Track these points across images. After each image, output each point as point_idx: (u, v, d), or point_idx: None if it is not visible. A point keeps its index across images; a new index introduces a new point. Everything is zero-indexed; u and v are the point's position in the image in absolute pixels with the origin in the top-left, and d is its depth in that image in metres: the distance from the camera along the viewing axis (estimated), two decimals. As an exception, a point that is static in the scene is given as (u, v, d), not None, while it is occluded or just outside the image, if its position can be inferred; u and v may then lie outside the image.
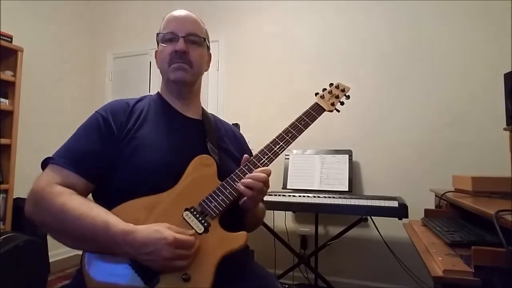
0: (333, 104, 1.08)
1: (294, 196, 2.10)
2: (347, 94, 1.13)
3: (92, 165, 0.85)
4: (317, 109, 1.05)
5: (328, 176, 2.30)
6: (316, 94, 1.11)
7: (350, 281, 2.42)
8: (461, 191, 1.38)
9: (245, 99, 2.86)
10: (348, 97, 1.13)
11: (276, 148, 0.94)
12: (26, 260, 1.61)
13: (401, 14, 2.47)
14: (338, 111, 1.11)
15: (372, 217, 2.19)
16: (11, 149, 2.42)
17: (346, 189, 2.21)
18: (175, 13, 1.01)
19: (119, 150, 0.87)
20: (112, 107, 0.94)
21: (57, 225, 0.78)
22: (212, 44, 1.10)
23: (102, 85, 3.36)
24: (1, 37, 2.40)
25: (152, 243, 0.72)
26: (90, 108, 1.04)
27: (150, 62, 3.14)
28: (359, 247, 2.43)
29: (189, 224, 0.80)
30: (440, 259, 0.85)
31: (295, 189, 2.32)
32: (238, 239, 0.80)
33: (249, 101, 2.84)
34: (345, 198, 1.99)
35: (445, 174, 1.73)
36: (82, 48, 3.30)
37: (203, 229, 0.80)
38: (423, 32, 2.40)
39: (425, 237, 1.11)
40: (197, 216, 0.81)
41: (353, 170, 2.36)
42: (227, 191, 0.85)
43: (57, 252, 2.71)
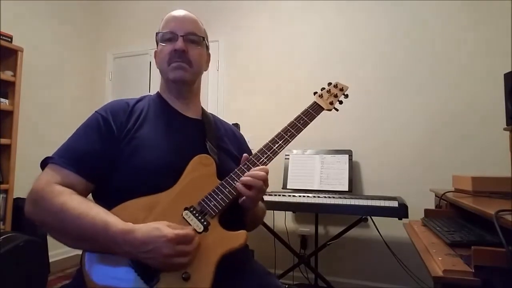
0: (331, 103, 1.08)
1: (294, 196, 2.10)
2: (345, 93, 1.13)
3: (92, 165, 0.85)
4: (315, 108, 1.05)
5: (328, 176, 2.30)
6: (315, 93, 1.10)
7: (350, 281, 2.42)
8: (461, 191, 1.38)
9: (245, 99, 2.86)
10: (346, 96, 1.13)
11: (275, 147, 0.94)
12: (26, 260, 1.61)
13: (401, 14, 2.47)
14: (337, 110, 1.10)
15: (372, 217, 2.19)
16: (11, 149, 2.42)
17: (346, 189, 2.21)
18: (174, 13, 1.02)
19: (119, 150, 0.87)
20: (112, 107, 0.94)
21: (57, 225, 0.78)
22: (212, 44, 1.10)
23: (102, 85, 3.36)
24: (1, 37, 2.40)
25: (152, 241, 0.72)
26: (90, 108, 1.04)
27: (150, 62, 3.14)
28: (359, 247, 2.43)
29: (189, 223, 0.80)
30: (440, 259, 0.85)
31: (295, 189, 2.32)
32: (238, 238, 0.80)
33: (249, 101, 2.84)
34: (345, 198, 1.99)
35: (445, 174, 1.72)
36: (82, 48, 3.30)
37: (202, 228, 0.80)
38: (423, 32, 2.40)
39: (425, 237, 1.11)
40: (197, 215, 0.81)
41: (353, 170, 2.36)
42: (227, 190, 0.85)
43: (57, 252, 2.71)
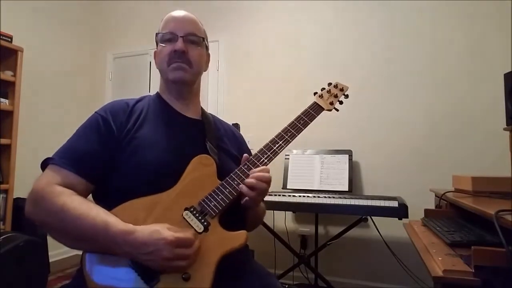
0: (332, 103, 1.08)
1: (294, 196, 2.10)
2: (346, 94, 1.12)
3: (92, 165, 0.85)
4: (316, 108, 1.05)
5: (328, 176, 2.30)
6: (315, 93, 1.10)
7: (350, 281, 2.42)
8: (461, 191, 1.38)
9: (245, 99, 2.86)
10: (347, 96, 1.13)
11: (275, 147, 0.94)
12: (26, 260, 1.61)
13: (401, 14, 2.47)
14: (337, 110, 1.10)
15: (372, 217, 2.19)
16: (11, 149, 2.42)
17: (346, 189, 2.21)
18: (173, 13, 1.02)
19: (118, 150, 0.87)
20: (111, 108, 0.94)
21: (57, 225, 0.78)
22: (212, 44, 1.10)
23: (102, 85, 3.36)
24: (1, 37, 2.40)
25: (152, 243, 0.72)
26: (90, 108, 1.05)
27: (150, 62, 3.14)
28: (359, 247, 2.43)
29: (189, 224, 0.80)
30: (440, 259, 0.85)
31: (295, 189, 2.32)
32: (238, 238, 0.80)
33: (249, 101, 2.84)
34: (345, 198, 1.99)
35: (445, 174, 1.72)
36: (82, 48, 3.30)
37: (203, 228, 0.80)
38: (424, 32, 2.40)
39: (425, 237, 1.11)
40: (197, 215, 0.82)
41: (353, 170, 2.36)
42: (227, 190, 0.86)
43: (57, 252, 2.71)
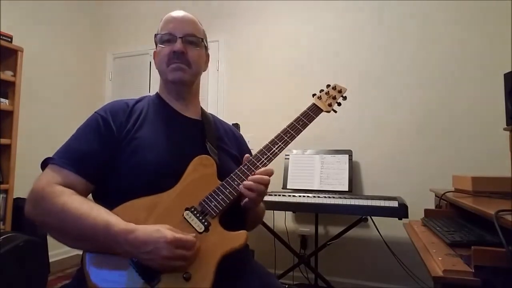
0: (330, 104, 1.09)
1: (294, 196, 2.10)
2: (344, 95, 1.14)
3: (92, 165, 0.85)
4: (314, 109, 1.05)
5: (328, 176, 2.30)
6: (314, 95, 1.11)
7: (350, 281, 2.42)
8: (461, 191, 1.38)
9: (245, 99, 2.86)
10: (345, 98, 1.14)
11: (275, 148, 0.94)
12: (26, 260, 1.61)
13: (402, 15, 2.47)
14: (335, 111, 1.11)
15: (372, 217, 2.19)
16: (11, 149, 2.42)
17: (346, 189, 2.21)
18: (173, 14, 1.02)
19: (118, 150, 0.87)
20: (111, 108, 0.94)
21: (58, 225, 0.78)
22: (212, 44, 1.10)
23: (102, 85, 3.36)
24: (1, 37, 2.40)
25: (152, 242, 0.72)
26: (90, 108, 1.05)
27: (150, 62, 3.15)
28: (359, 247, 2.43)
29: (190, 224, 0.81)
30: (440, 259, 0.85)
31: (295, 189, 2.32)
32: (238, 238, 0.81)
33: (249, 101, 2.84)
34: (345, 198, 1.99)
35: (445, 174, 1.72)
36: (82, 48, 3.30)
37: (203, 228, 0.80)
38: (424, 33, 2.40)
39: (425, 237, 1.11)
40: (198, 215, 0.82)
41: (353, 170, 2.36)
42: (227, 190, 0.86)
43: (57, 252, 2.71)
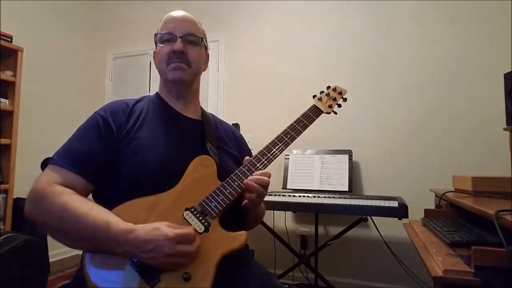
0: (330, 106, 1.09)
1: (294, 196, 2.10)
2: (344, 97, 1.14)
3: (92, 165, 0.85)
4: (315, 111, 1.06)
5: (328, 176, 2.30)
6: (314, 96, 1.11)
7: (350, 281, 2.42)
8: (461, 191, 1.38)
9: (245, 99, 2.86)
10: (345, 99, 1.14)
11: (275, 149, 0.95)
12: (26, 260, 1.61)
13: (401, 15, 2.47)
14: (336, 113, 1.11)
15: (372, 217, 2.19)
16: (11, 149, 2.42)
17: (346, 189, 2.21)
18: (172, 13, 1.02)
19: (118, 150, 0.87)
20: (111, 108, 0.94)
21: (58, 225, 0.78)
22: (212, 44, 1.10)
23: (102, 85, 3.36)
24: (1, 37, 2.40)
25: (153, 240, 0.72)
26: (90, 108, 1.04)
27: (150, 62, 3.14)
28: (359, 247, 2.43)
29: (190, 224, 0.80)
30: (440, 259, 0.85)
31: (295, 189, 2.32)
32: (238, 238, 0.81)
33: (249, 101, 2.84)
34: (345, 198, 1.99)
35: (445, 174, 1.73)
36: (82, 48, 3.30)
37: (203, 228, 0.80)
38: (424, 33, 2.40)
39: (425, 237, 1.11)
40: (198, 215, 0.82)
41: (353, 170, 2.36)
42: (227, 191, 0.86)
43: (57, 252, 2.71)
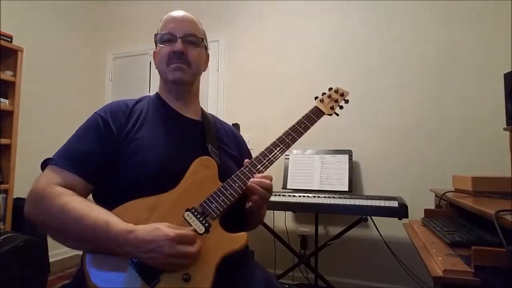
0: (332, 108, 1.09)
1: (294, 196, 2.10)
2: (346, 99, 1.14)
3: (92, 166, 0.85)
4: (316, 112, 1.06)
5: (328, 176, 2.30)
6: (316, 98, 1.11)
7: (350, 281, 2.42)
8: (461, 191, 1.38)
9: (245, 99, 2.85)
10: (347, 101, 1.14)
11: (276, 150, 0.95)
12: (26, 260, 1.61)
13: (402, 15, 2.47)
14: (337, 115, 1.12)
15: (372, 217, 2.19)
16: (11, 149, 2.41)
17: (346, 189, 2.21)
18: (173, 13, 1.02)
19: (118, 151, 0.87)
20: (111, 108, 0.94)
21: (58, 226, 0.78)
22: (212, 44, 1.10)
23: (102, 85, 3.36)
24: (1, 37, 2.40)
25: (153, 240, 0.72)
26: (90, 108, 1.05)
27: (150, 62, 3.14)
28: (359, 247, 2.43)
29: (190, 225, 0.80)
30: (440, 259, 0.85)
31: (295, 189, 2.32)
32: (238, 239, 0.81)
33: (249, 101, 2.84)
34: (345, 198, 1.99)
35: (445, 174, 1.73)
36: (82, 48, 3.30)
37: (204, 229, 0.80)
38: (424, 33, 2.40)
39: (425, 237, 1.11)
40: (198, 216, 0.82)
41: (353, 170, 2.36)
42: (228, 192, 0.86)
43: (57, 252, 2.71)
